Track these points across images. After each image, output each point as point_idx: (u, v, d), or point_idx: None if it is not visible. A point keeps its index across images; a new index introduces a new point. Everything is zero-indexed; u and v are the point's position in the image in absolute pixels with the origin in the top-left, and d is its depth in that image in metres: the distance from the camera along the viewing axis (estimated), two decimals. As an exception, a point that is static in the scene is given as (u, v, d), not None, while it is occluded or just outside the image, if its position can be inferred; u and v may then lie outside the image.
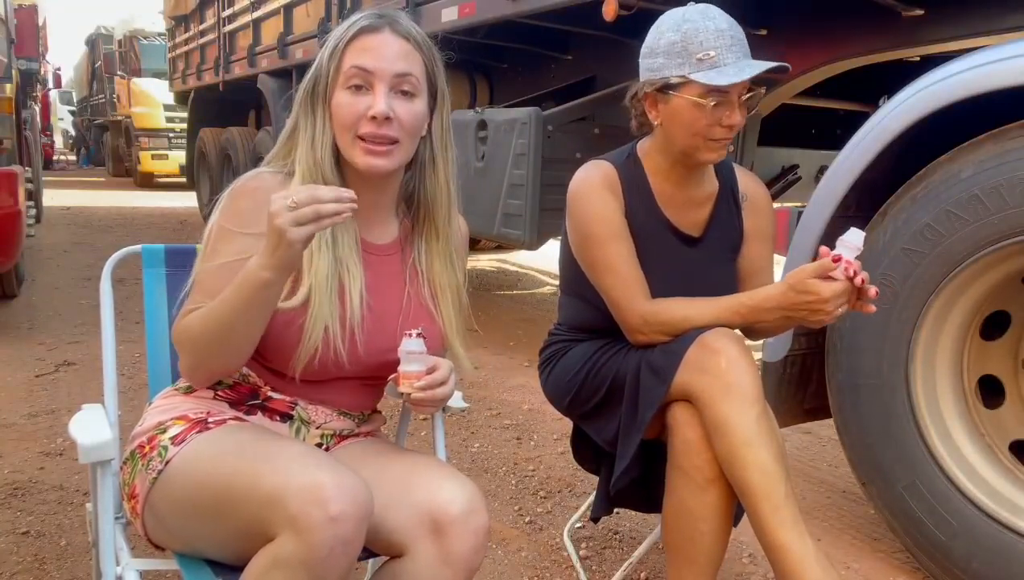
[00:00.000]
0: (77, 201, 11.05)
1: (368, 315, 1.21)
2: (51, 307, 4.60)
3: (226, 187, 1.23)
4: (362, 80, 1.17)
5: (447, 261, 1.31)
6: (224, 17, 7.28)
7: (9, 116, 4.25)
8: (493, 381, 3.52)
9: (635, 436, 1.45)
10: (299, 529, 0.96)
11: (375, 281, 1.25)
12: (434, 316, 1.29)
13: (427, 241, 1.31)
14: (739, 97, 1.43)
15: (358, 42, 1.18)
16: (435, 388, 1.16)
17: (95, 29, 17.18)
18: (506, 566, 1.97)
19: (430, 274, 1.30)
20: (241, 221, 1.18)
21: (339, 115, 1.18)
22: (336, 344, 1.17)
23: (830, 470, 2.69)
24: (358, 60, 1.17)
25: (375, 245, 1.28)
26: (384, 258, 1.29)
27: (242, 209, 1.18)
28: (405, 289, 1.28)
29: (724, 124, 1.43)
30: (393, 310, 1.26)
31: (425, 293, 1.30)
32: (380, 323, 1.24)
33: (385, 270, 1.28)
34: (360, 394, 1.31)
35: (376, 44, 1.18)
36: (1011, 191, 1.65)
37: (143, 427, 1.21)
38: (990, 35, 2.26)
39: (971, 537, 1.76)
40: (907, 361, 1.86)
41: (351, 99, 1.17)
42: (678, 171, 1.55)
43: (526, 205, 3.36)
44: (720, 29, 1.41)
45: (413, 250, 1.31)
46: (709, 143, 1.45)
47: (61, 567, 1.87)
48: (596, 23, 2.95)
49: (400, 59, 1.18)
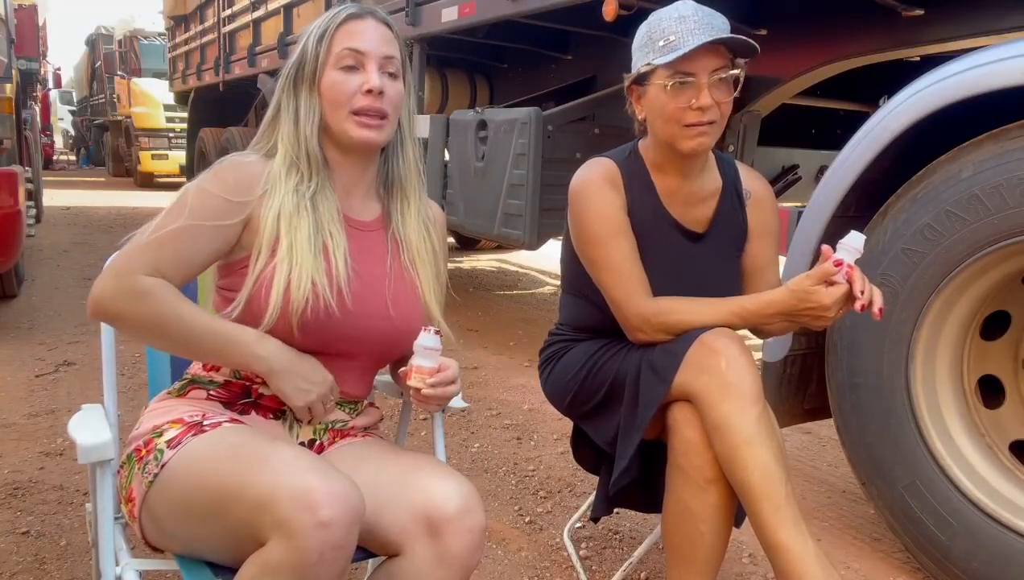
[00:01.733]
0: (77, 201, 11.05)
1: (354, 277, 1.25)
2: (51, 307, 4.60)
3: None
4: (354, 60, 1.24)
5: (422, 228, 1.37)
6: (224, 17, 7.28)
7: (9, 116, 4.25)
8: (493, 381, 3.52)
9: (635, 436, 1.45)
10: (289, 534, 0.96)
11: (359, 250, 1.29)
12: (415, 282, 1.34)
13: (402, 213, 1.36)
14: (708, 77, 1.40)
15: (347, 27, 1.26)
16: (445, 386, 1.21)
17: (95, 29, 17.19)
18: (506, 566, 1.97)
19: (407, 241, 1.35)
20: (223, 187, 1.21)
21: (332, 93, 1.24)
22: (325, 295, 1.19)
23: (830, 470, 2.69)
24: (350, 43, 1.24)
25: (358, 221, 1.32)
26: (367, 233, 1.33)
27: (226, 178, 1.22)
28: (388, 258, 1.33)
29: (694, 107, 1.40)
30: (379, 276, 1.30)
31: (406, 260, 1.34)
32: (367, 287, 1.27)
33: (369, 243, 1.32)
34: (354, 381, 1.32)
35: (363, 28, 1.26)
36: (1011, 191, 1.65)
37: (139, 431, 1.22)
38: (990, 35, 2.26)
39: (971, 537, 1.76)
40: (907, 361, 1.86)
41: (344, 77, 1.24)
42: (674, 165, 1.54)
43: (526, 205, 3.36)
44: (683, 16, 1.41)
45: (392, 223, 1.35)
46: (684, 130, 1.43)
47: (61, 567, 1.87)
48: (596, 23, 2.95)
49: (385, 43, 1.27)
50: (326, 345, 1.24)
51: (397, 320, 1.28)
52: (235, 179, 1.22)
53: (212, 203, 1.20)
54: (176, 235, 1.18)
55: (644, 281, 1.50)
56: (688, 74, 1.40)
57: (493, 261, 7.12)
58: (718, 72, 1.40)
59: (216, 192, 1.21)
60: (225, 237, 1.21)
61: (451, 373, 1.22)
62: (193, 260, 1.19)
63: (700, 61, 1.39)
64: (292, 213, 1.21)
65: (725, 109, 1.44)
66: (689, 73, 1.40)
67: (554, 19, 3.48)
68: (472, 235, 3.85)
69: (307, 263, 1.19)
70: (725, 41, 1.39)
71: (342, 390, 1.31)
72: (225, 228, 1.20)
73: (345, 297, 1.22)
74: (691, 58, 1.39)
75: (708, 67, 1.40)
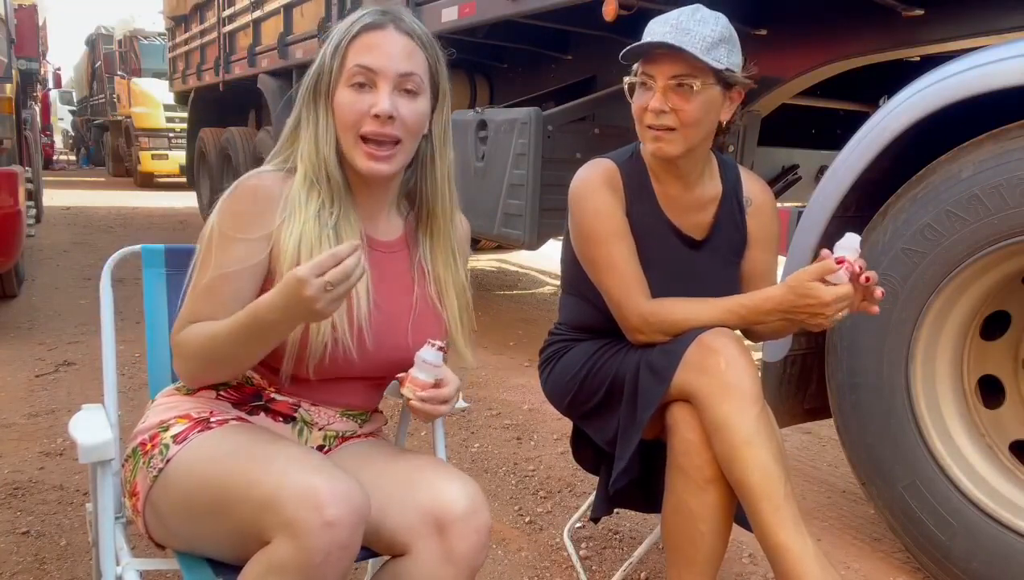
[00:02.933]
0: (77, 201, 11.05)
1: (376, 313, 1.21)
2: (51, 307, 4.60)
3: (226, 187, 1.23)
4: (365, 78, 1.16)
5: (449, 258, 1.32)
6: (224, 17, 7.28)
7: (9, 116, 4.25)
8: (493, 381, 3.52)
9: (634, 436, 1.45)
10: (294, 534, 0.96)
11: (383, 279, 1.25)
12: (440, 315, 1.30)
13: (431, 238, 1.31)
14: (665, 81, 1.41)
15: (362, 39, 1.17)
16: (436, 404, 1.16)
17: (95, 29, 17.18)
18: (506, 566, 1.97)
19: (435, 272, 1.30)
20: (240, 225, 1.17)
21: (341, 113, 1.17)
22: (344, 341, 1.17)
23: (830, 470, 2.69)
24: (362, 58, 1.16)
25: (381, 241, 1.28)
26: (390, 255, 1.29)
27: (242, 212, 1.18)
28: (414, 287, 1.28)
29: (649, 108, 1.43)
30: (403, 308, 1.26)
31: (431, 291, 1.30)
32: (389, 321, 1.24)
33: (392, 268, 1.28)
34: (365, 394, 1.31)
35: (380, 41, 1.16)
36: (1011, 191, 1.65)
37: (145, 425, 1.21)
38: (990, 35, 2.26)
39: (971, 537, 1.76)
40: (907, 361, 1.86)
41: (354, 97, 1.16)
42: (667, 170, 1.55)
43: (526, 205, 3.36)
44: (667, 19, 1.42)
45: (419, 248, 1.31)
46: (645, 131, 1.47)
47: (61, 567, 1.87)
48: (596, 23, 2.95)
49: (404, 58, 1.17)
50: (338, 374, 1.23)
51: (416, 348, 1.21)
52: (253, 211, 1.17)
53: (234, 249, 1.16)
54: (211, 289, 1.16)
55: (643, 282, 1.50)
56: (649, 76, 1.43)
57: (493, 261, 7.12)
58: (677, 78, 1.41)
59: (236, 234, 1.16)
60: (260, 269, 1.18)
61: (446, 392, 1.17)
62: (238, 298, 1.15)
63: (660, 65, 1.41)
64: (314, 243, 1.15)
65: (685, 117, 1.42)
66: (649, 74, 1.43)
67: (554, 19, 3.48)
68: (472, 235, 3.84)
69: None
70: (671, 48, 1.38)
71: (352, 403, 1.29)
72: (255, 265, 1.17)
73: (365, 337, 1.19)
74: (652, 60, 1.42)
75: (667, 72, 1.41)
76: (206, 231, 1.19)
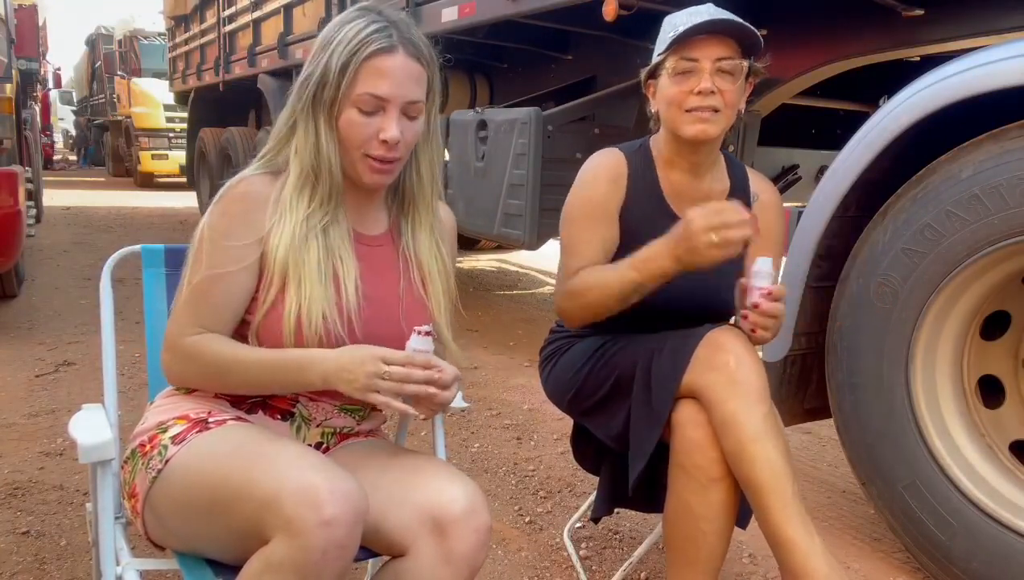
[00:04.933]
0: (77, 201, 11.05)
1: (365, 304, 1.22)
2: (51, 307, 4.60)
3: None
4: (374, 106, 1.17)
5: (433, 245, 1.34)
6: (224, 17, 7.28)
7: (9, 116, 4.25)
8: (493, 381, 3.52)
9: (653, 434, 1.44)
10: (292, 532, 0.96)
11: (371, 271, 1.26)
12: (425, 302, 1.31)
13: (413, 227, 1.33)
14: (711, 64, 1.42)
15: (372, 64, 1.15)
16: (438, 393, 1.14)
17: (95, 29, 17.18)
18: (506, 566, 1.97)
19: (419, 259, 1.32)
20: (230, 230, 1.18)
21: (349, 134, 1.18)
22: (336, 331, 1.18)
23: (830, 470, 2.69)
24: (373, 87, 1.16)
25: (368, 236, 1.30)
26: (377, 249, 1.30)
27: (232, 214, 1.19)
28: (400, 278, 1.30)
29: (696, 92, 1.43)
30: (391, 298, 1.28)
31: (416, 278, 1.31)
32: (378, 312, 1.25)
33: (379, 260, 1.30)
34: None
35: (390, 68, 1.16)
36: (1011, 191, 1.65)
37: (144, 426, 1.22)
38: (990, 35, 2.26)
39: (971, 537, 1.76)
40: (907, 361, 1.86)
41: (363, 120, 1.17)
42: (683, 159, 1.55)
43: (526, 205, 3.37)
44: (695, 10, 1.44)
45: (402, 238, 1.33)
46: (684, 115, 1.46)
47: (61, 567, 1.87)
48: (596, 23, 2.95)
49: (412, 85, 1.18)
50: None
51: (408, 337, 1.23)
52: (243, 217, 1.19)
53: (225, 252, 1.18)
54: (204, 288, 1.18)
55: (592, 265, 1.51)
56: (691, 59, 1.43)
57: (493, 261, 7.12)
58: (722, 60, 1.43)
59: (226, 242, 1.18)
60: (252, 272, 1.19)
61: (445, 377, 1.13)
62: (230, 304, 1.18)
63: (704, 48, 1.43)
64: (301, 244, 1.18)
65: (729, 98, 1.44)
66: (692, 58, 1.43)
67: (554, 19, 3.48)
68: (472, 235, 3.85)
69: (317, 296, 1.17)
70: (727, 26, 1.41)
71: (350, 399, 1.29)
72: (246, 267, 1.19)
73: (356, 328, 1.20)
74: (695, 45, 1.43)
75: (711, 54, 1.43)
76: (197, 235, 1.21)
